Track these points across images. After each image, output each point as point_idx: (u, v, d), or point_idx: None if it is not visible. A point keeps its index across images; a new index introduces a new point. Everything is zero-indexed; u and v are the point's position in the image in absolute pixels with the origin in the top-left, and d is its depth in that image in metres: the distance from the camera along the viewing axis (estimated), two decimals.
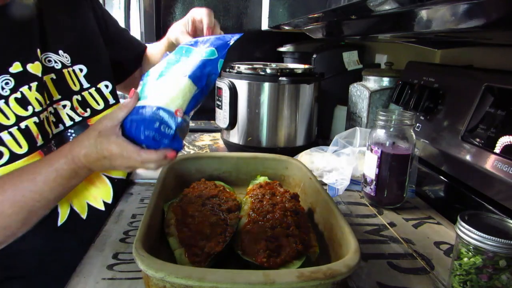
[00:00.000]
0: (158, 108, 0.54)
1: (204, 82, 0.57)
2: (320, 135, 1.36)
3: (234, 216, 0.66)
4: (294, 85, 1.14)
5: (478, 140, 0.75)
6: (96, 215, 0.75)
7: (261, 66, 1.18)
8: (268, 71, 1.13)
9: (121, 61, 0.95)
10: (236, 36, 0.60)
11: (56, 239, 0.70)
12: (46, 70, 0.70)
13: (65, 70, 0.73)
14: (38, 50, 0.69)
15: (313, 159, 1.02)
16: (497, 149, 0.70)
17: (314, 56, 1.41)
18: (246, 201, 0.74)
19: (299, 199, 0.73)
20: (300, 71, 1.18)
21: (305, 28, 1.10)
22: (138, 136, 0.55)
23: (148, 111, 0.55)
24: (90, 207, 0.75)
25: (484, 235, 0.45)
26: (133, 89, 0.57)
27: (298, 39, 1.60)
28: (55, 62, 0.72)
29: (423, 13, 0.58)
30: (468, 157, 0.76)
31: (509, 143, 0.68)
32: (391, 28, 0.74)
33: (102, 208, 0.77)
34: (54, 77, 0.72)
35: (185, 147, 1.26)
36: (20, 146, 0.63)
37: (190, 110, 0.57)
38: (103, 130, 0.56)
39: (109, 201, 0.78)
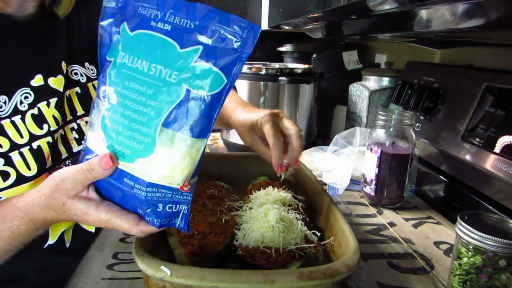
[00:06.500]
0: (156, 186, 0.41)
1: (211, 127, 0.42)
2: (320, 135, 1.36)
3: (234, 216, 0.66)
4: (294, 85, 1.14)
5: (478, 140, 0.75)
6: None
7: (261, 66, 1.18)
8: (268, 71, 1.13)
9: None
10: (250, 37, 0.40)
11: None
12: (70, 83, 0.65)
13: (89, 84, 0.69)
14: (63, 63, 0.64)
15: (313, 159, 1.02)
16: (497, 149, 0.70)
17: (314, 56, 1.41)
18: (246, 201, 0.73)
19: (299, 199, 0.73)
20: (300, 71, 1.18)
21: (305, 28, 1.10)
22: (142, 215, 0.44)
23: (142, 190, 0.41)
24: None
25: (484, 235, 0.45)
26: (108, 154, 0.41)
27: (298, 39, 1.60)
28: (81, 75, 0.67)
29: (423, 13, 0.58)
30: (468, 157, 0.76)
31: (509, 143, 0.68)
32: (391, 28, 0.74)
33: None
34: (79, 91, 0.67)
35: None
36: (29, 168, 0.58)
37: (197, 170, 0.44)
38: (69, 195, 0.43)
39: None
